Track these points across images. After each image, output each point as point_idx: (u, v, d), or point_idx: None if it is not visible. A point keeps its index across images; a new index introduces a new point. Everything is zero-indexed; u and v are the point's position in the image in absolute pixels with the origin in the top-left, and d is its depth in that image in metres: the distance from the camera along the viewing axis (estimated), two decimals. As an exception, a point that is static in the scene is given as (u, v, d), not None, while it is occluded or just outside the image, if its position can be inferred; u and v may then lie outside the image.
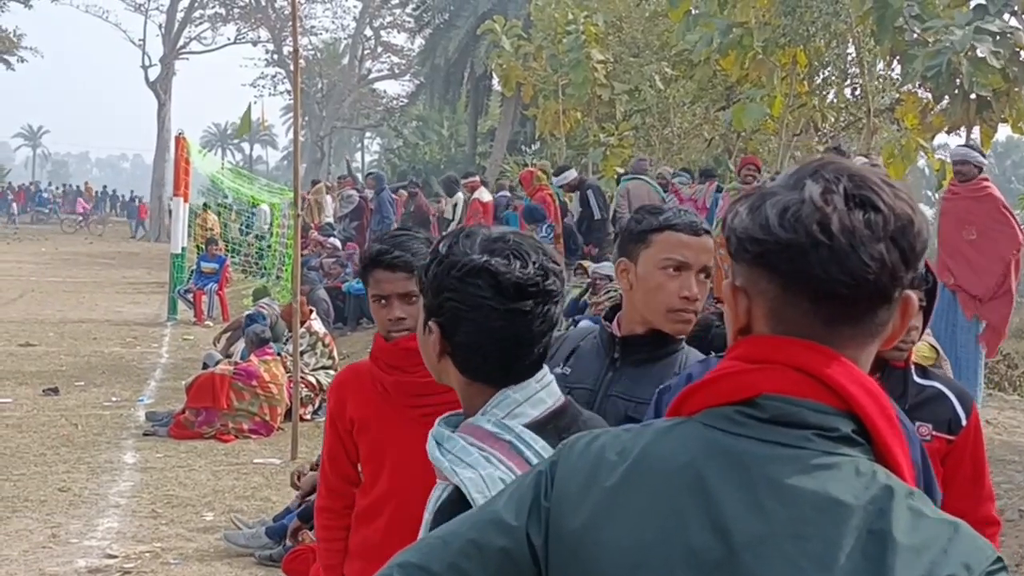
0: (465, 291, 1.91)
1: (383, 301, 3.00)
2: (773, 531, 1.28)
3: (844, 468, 1.31)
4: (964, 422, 2.76)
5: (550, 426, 1.93)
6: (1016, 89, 11.64)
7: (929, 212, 41.74)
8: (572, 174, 14.96)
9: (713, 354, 2.76)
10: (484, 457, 1.86)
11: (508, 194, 18.40)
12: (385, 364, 3.03)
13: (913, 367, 2.80)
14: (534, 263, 1.93)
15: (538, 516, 1.41)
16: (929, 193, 42.67)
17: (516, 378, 1.95)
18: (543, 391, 1.97)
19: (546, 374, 2.00)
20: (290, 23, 50.19)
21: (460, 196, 17.52)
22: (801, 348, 1.35)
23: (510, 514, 1.42)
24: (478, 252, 1.92)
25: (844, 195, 1.32)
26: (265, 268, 23.92)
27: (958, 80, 11.33)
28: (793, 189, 1.34)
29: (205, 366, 11.30)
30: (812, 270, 1.31)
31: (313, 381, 10.80)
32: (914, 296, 1.38)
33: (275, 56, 55.08)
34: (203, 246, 20.27)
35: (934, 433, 2.73)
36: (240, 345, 14.80)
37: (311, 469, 6.70)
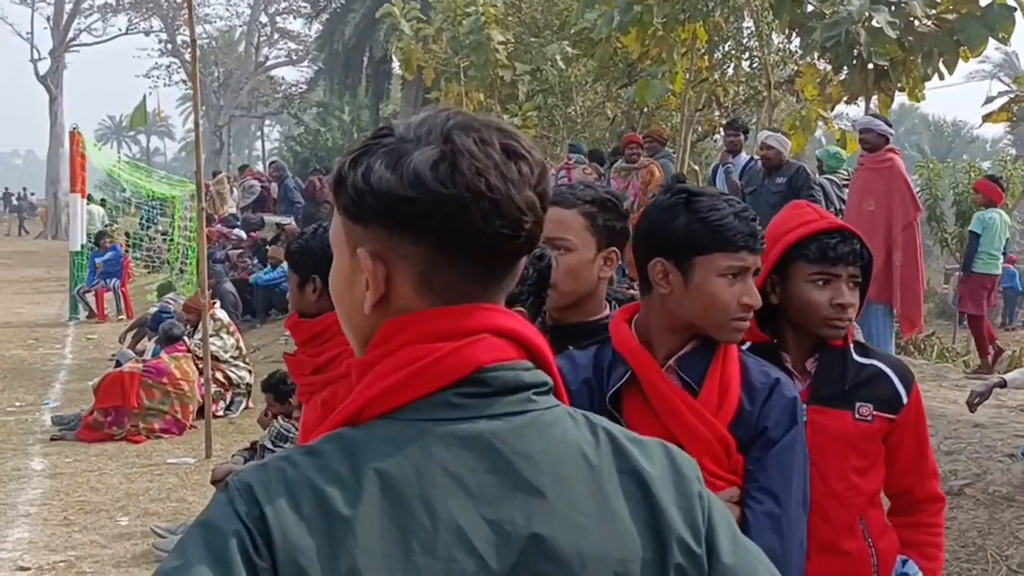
0: None
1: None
2: (551, 505, 1.23)
3: (564, 418, 1.30)
4: (905, 400, 2.71)
5: None
6: (912, 58, 11.83)
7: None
8: None
9: None
10: None
11: None
12: None
13: (852, 345, 2.74)
14: None
15: None
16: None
17: None
18: None
19: None
20: (182, 11, 49.35)
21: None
22: (487, 312, 1.29)
23: None
24: None
25: (498, 146, 1.26)
26: (168, 262, 23.47)
27: (856, 50, 11.49)
28: (433, 143, 1.25)
29: (118, 363, 10.99)
30: (473, 225, 1.24)
31: (222, 378, 10.58)
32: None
33: (168, 46, 53.97)
34: (94, 242, 19.63)
35: (875, 413, 2.67)
36: (150, 342, 14.55)
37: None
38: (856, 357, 2.72)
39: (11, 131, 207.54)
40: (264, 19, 54.57)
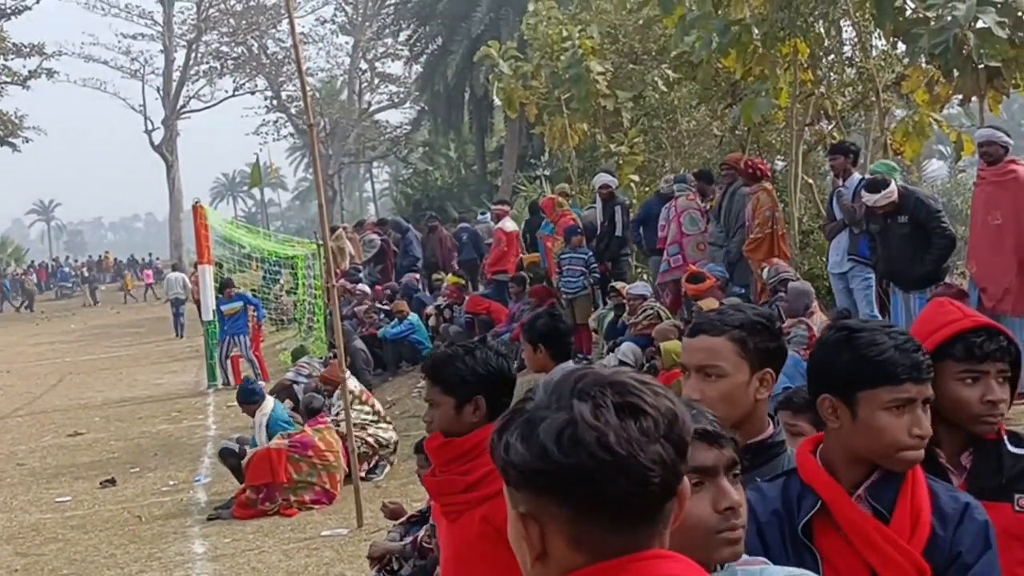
0: None
1: None
2: None
3: None
4: None
5: None
6: (1025, 54, 11.53)
7: (944, 171, 41.25)
8: (610, 179, 15.11)
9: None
10: None
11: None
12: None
13: (1006, 436, 2.73)
14: None
15: None
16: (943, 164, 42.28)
17: None
18: None
19: None
20: (284, 67, 50.17)
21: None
22: (644, 563, 1.38)
23: None
24: None
25: (613, 408, 1.35)
26: (296, 319, 23.98)
27: (964, 52, 11.27)
28: (560, 410, 1.36)
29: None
30: (601, 488, 1.34)
31: (373, 442, 10.81)
32: (687, 486, 1.43)
33: (274, 101, 55.29)
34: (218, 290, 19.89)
35: None
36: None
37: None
38: (1011, 448, 2.71)
39: (130, 197, 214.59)
40: (364, 65, 55.52)
